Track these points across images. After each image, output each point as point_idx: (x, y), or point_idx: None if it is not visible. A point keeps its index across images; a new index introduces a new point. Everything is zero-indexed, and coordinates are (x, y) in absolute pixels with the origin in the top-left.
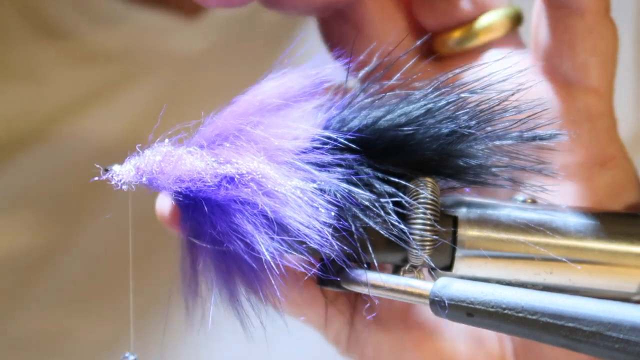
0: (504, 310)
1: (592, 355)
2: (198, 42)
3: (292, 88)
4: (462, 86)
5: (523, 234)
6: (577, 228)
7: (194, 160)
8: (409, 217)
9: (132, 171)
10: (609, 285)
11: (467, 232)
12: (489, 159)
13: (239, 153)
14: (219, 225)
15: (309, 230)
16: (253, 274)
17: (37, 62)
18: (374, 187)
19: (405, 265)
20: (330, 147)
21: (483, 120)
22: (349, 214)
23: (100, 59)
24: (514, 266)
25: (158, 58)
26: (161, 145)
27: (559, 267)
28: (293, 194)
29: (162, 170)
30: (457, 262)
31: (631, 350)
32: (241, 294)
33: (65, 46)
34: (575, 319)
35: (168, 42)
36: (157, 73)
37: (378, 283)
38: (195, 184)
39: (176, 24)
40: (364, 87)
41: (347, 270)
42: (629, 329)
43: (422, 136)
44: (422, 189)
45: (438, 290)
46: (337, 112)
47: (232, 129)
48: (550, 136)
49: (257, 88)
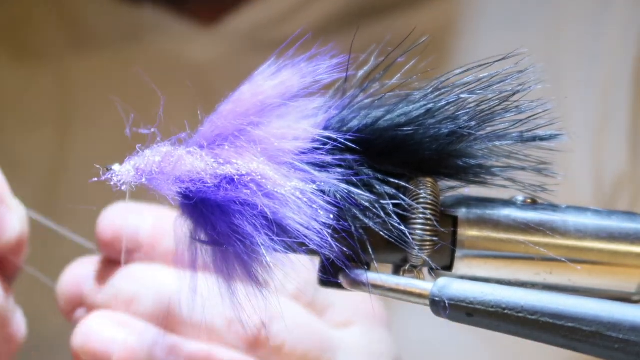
0: (503, 310)
1: (592, 355)
2: (211, 51)
3: (292, 88)
4: (462, 86)
5: (523, 234)
6: (577, 228)
7: (193, 161)
8: (409, 218)
9: (132, 171)
10: (609, 285)
11: (467, 232)
12: (488, 159)
13: (238, 153)
14: (219, 226)
15: (309, 231)
16: (252, 274)
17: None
18: (374, 187)
19: (405, 265)
20: (330, 148)
21: (483, 121)
22: (348, 215)
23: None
24: (513, 266)
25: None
26: (161, 146)
27: (558, 267)
28: (293, 194)
29: (161, 171)
30: (457, 262)
31: (631, 351)
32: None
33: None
34: (575, 319)
35: (182, 49)
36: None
37: (378, 283)
38: (195, 184)
39: (192, 31)
40: (364, 87)
41: (347, 270)
42: (628, 329)
43: (422, 136)
44: (422, 189)
45: (438, 290)
46: (337, 113)
47: (232, 129)
48: (550, 137)
49: (257, 88)
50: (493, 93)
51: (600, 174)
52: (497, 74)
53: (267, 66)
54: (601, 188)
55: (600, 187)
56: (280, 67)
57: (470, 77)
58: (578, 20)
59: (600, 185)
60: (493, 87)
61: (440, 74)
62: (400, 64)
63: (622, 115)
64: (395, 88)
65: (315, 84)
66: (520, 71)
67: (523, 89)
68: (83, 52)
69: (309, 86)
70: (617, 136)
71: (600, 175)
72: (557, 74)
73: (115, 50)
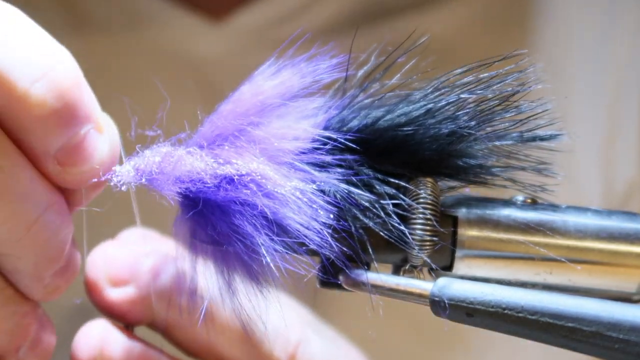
0: (503, 310)
1: (592, 355)
2: (217, 46)
3: (292, 88)
4: (462, 86)
5: (523, 234)
6: (577, 228)
7: (193, 161)
8: (409, 218)
9: (132, 172)
10: (609, 285)
11: (467, 232)
12: (488, 159)
13: (238, 153)
14: (219, 226)
15: (309, 231)
16: (253, 274)
17: None
18: (374, 187)
19: (405, 265)
20: (330, 148)
21: (483, 121)
22: (348, 215)
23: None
24: (513, 266)
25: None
26: (161, 146)
27: (558, 267)
28: (293, 194)
29: (161, 171)
30: (457, 262)
31: (631, 351)
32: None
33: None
34: (575, 319)
35: (190, 43)
36: (175, 73)
37: (378, 283)
38: (195, 184)
39: (201, 26)
40: (364, 87)
41: (347, 270)
42: (628, 329)
43: (422, 136)
44: (422, 189)
45: (438, 290)
46: (337, 112)
47: (232, 129)
48: (550, 137)
49: (257, 87)
50: (493, 93)
51: (610, 183)
52: (497, 74)
53: (267, 66)
54: (611, 197)
55: (611, 196)
56: (280, 66)
57: (471, 77)
58: (587, 29)
59: (610, 194)
60: (493, 87)
61: (440, 74)
62: (401, 64)
63: (632, 123)
64: (395, 88)
65: (316, 84)
66: (520, 71)
67: (523, 89)
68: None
69: (309, 86)
70: (627, 145)
71: (611, 185)
72: (567, 83)
73: (116, 37)
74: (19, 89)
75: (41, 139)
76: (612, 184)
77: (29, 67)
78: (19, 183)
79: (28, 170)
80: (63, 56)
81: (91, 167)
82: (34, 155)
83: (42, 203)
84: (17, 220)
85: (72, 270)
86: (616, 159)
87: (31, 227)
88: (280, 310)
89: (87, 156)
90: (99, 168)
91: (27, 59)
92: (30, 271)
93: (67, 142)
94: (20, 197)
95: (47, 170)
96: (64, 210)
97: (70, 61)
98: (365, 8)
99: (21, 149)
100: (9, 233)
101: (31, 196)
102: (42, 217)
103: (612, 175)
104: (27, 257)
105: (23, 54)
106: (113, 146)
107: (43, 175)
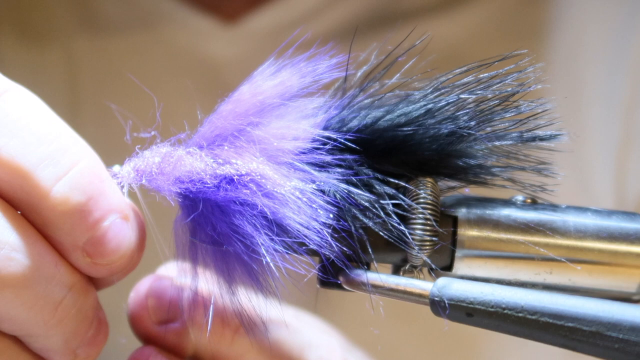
0: (503, 310)
1: (591, 355)
2: (229, 49)
3: (292, 88)
4: (462, 87)
5: (523, 234)
6: (577, 228)
7: (193, 161)
8: (409, 218)
9: (132, 173)
10: (609, 285)
11: (467, 232)
12: (488, 159)
13: (238, 153)
14: (219, 226)
15: (309, 231)
16: (253, 274)
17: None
18: (374, 187)
19: (405, 265)
20: (330, 148)
21: (483, 121)
22: (348, 215)
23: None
24: (513, 266)
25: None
26: (160, 146)
27: (558, 267)
28: (292, 194)
29: (161, 172)
30: (457, 262)
31: (630, 350)
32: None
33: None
34: (575, 319)
35: (204, 44)
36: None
37: (378, 283)
38: (195, 184)
39: (214, 28)
40: (364, 87)
41: (347, 270)
42: (628, 329)
43: (421, 136)
44: (422, 189)
45: (438, 290)
46: (337, 112)
47: (232, 129)
48: (550, 137)
49: (257, 88)
50: (493, 93)
51: (623, 192)
52: (496, 74)
53: (266, 66)
54: (624, 206)
55: (623, 205)
56: (280, 66)
57: (471, 77)
58: (602, 36)
59: (622, 203)
60: (493, 88)
61: (440, 74)
62: (409, 66)
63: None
64: (395, 88)
65: (315, 84)
66: (520, 71)
67: (523, 89)
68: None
69: (309, 86)
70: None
71: (623, 194)
72: (580, 90)
73: (130, 38)
74: (42, 187)
75: (68, 234)
76: (625, 194)
77: (51, 166)
78: (43, 269)
79: (51, 256)
80: (83, 150)
81: (120, 256)
82: (63, 248)
83: (66, 284)
84: (43, 305)
85: (103, 334)
86: (630, 169)
87: (57, 308)
88: (322, 337)
89: (114, 247)
90: (128, 256)
91: (48, 157)
92: (61, 348)
93: (93, 235)
94: (44, 282)
95: (78, 263)
96: (88, 284)
97: (90, 154)
98: (377, 12)
99: (49, 241)
100: (36, 317)
101: (55, 279)
102: (67, 297)
103: (624, 185)
104: (57, 336)
105: (45, 152)
106: (140, 232)
107: (73, 267)
